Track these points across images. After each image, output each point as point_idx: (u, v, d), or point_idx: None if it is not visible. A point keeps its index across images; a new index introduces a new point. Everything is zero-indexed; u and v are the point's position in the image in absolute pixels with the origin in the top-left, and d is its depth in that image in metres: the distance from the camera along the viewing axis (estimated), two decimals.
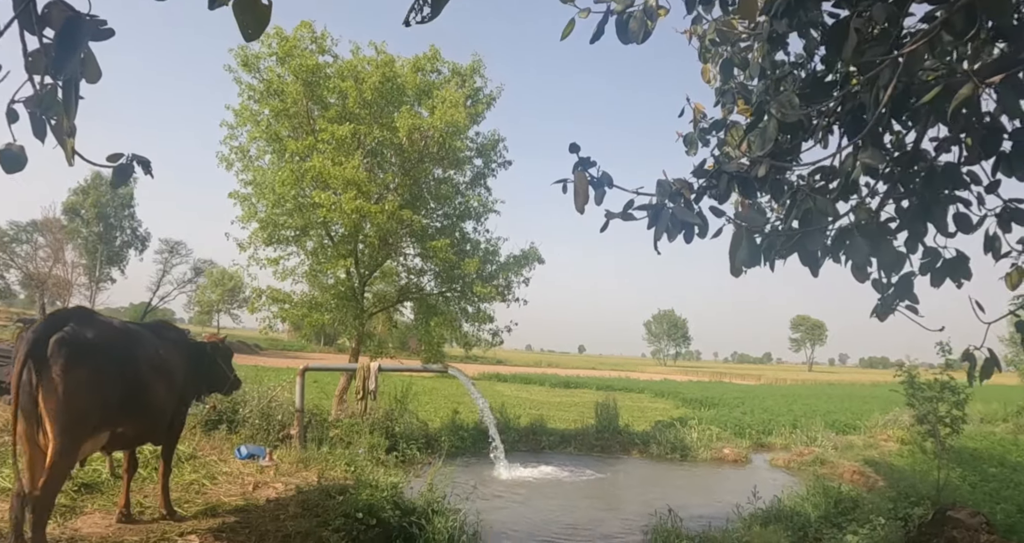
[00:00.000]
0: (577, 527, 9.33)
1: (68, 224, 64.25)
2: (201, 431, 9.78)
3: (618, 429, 16.89)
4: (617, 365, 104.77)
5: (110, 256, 66.74)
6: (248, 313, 13.97)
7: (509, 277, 14.32)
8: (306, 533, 6.07)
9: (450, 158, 13.59)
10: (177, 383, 5.71)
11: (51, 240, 64.08)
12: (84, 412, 4.42)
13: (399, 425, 13.08)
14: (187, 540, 5.63)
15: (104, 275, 66.70)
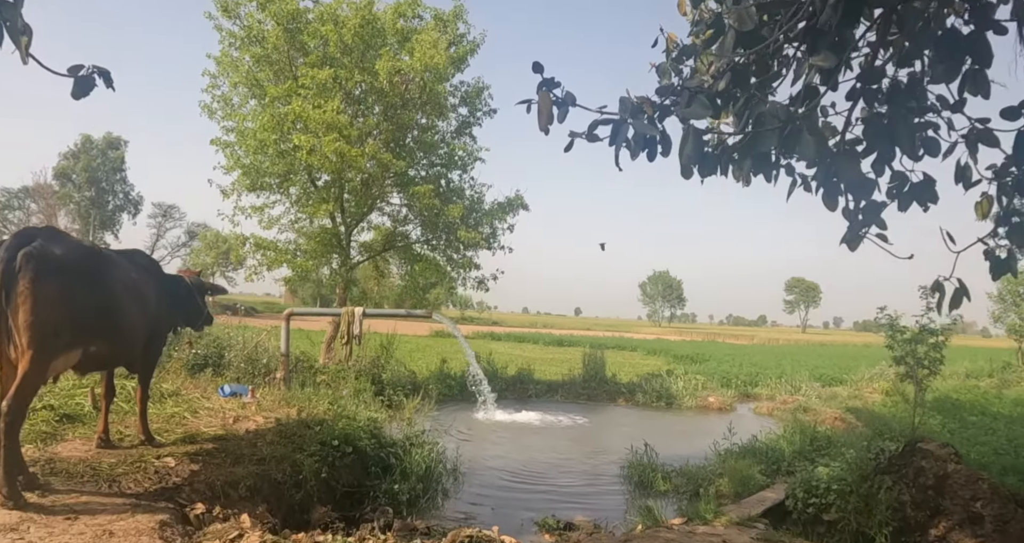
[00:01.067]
0: (557, 464, 9.52)
1: (60, 189, 63.88)
2: (186, 373, 9.89)
3: (605, 379, 17.11)
4: (612, 326, 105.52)
5: (103, 220, 66.45)
6: (233, 261, 14.04)
7: (494, 224, 14.35)
8: (281, 457, 6.20)
9: (433, 104, 13.50)
10: (150, 307, 5.76)
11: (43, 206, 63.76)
12: (53, 325, 4.47)
13: (386, 372, 13.23)
14: (164, 462, 5.75)
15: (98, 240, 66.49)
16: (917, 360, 10.81)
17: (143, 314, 5.59)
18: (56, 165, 62.97)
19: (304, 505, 6.02)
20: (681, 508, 6.91)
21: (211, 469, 5.75)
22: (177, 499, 5.18)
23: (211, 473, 5.67)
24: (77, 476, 5.25)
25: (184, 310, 6.72)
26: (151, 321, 5.84)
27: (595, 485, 8.55)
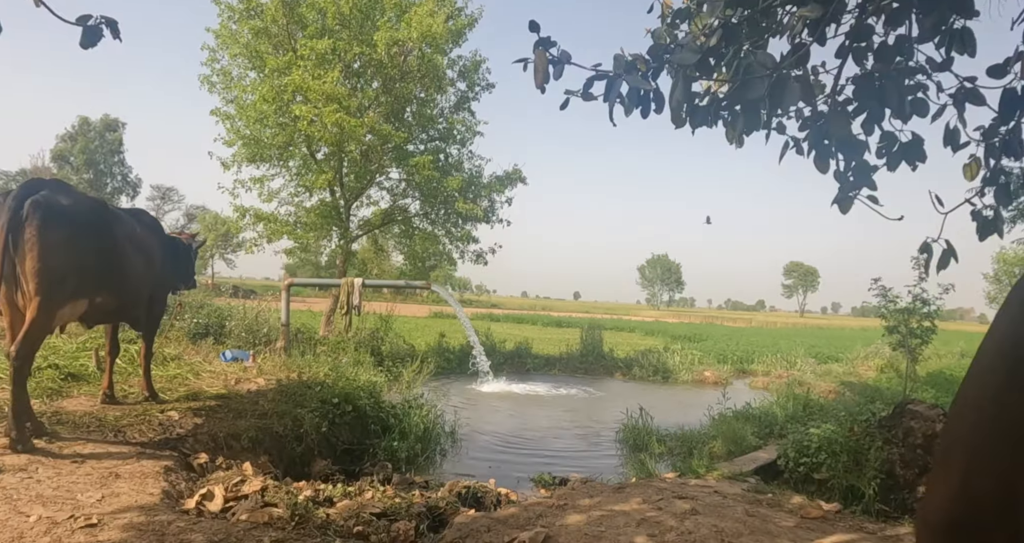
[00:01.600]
0: (554, 430, 9.67)
1: (58, 172, 63.55)
2: (187, 340, 10.01)
3: (602, 354, 17.26)
4: (611, 309, 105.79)
5: None
6: (233, 231, 14.14)
7: (492, 197, 14.42)
8: (283, 413, 6.33)
9: (431, 76, 13.51)
10: (155, 264, 5.86)
11: None
12: (59, 273, 4.56)
13: (385, 345, 13.36)
14: (168, 416, 5.87)
15: None
16: (910, 330, 10.95)
17: (148, 269, 5.69)
18: (54, 147, 62.63)
19: (305, 458, 6.15)
20: (675, 465, 7.05)
21: (214, 422, 5.88)
22: (181, 449, 5.30)
23: (214, 426, 5.80)
24: (83, 426, 5.38)
25: (183, 269, 6.83)
26: (155, 277, 5.94)
27: (591, 448, 8.70)
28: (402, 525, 4.14)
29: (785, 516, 4.91)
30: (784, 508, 5.16)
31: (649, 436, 8.48)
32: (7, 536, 3.39)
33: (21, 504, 3.81)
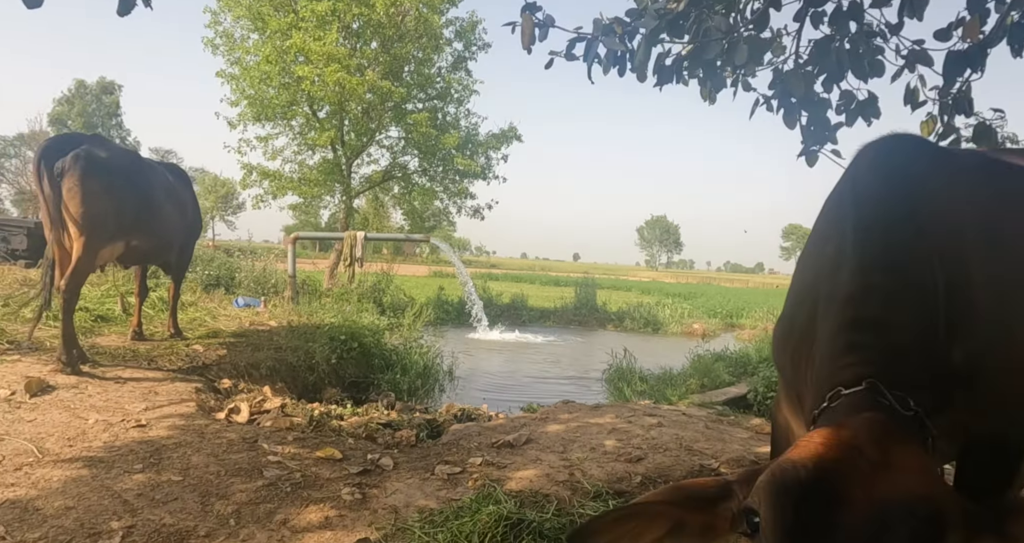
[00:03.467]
0: (545, 373, 10.38)
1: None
2: (201, 289, 10.64)
3: (595, 307, 17.94)
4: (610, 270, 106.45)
5: None
6: (240, 189, 14.67)
7: (489, 154, 14.93)
8: (296, 347, 7.00)
9: (428, 36, 13.90)
10: (186, 213, 6.48)
11: None
12: (100, 217, 5.16)
13: (387, 296, 14.01)
14: (193, 349, 6.53)
15: None
16: None
17: (179, 216, 6.29)
18: (51, 111, 62.29)
19: (317, 386, 6.83)
20: (650, 395, 7.74)
21: (234, 354, 6.54)
22: (207, 376, 5.96)
23: (235, 357, 6.46)
24: (119, 357, 6.04)
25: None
26: (186, 225, 6.55)
27: (579, 388, 9.41)
28: (404, 432, 4.80)
29: (742, 431, 5.57)
30: (742, 426, 5.82)
31: (632, 375, 9.17)
32: (72, 433, 4.05)
33: (79, 411, 4.47)
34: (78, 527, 2.86)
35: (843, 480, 1.00)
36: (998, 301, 1.53)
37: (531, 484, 3.64)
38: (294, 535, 2.93)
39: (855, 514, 0.97)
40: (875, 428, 1.08)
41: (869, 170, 1.69)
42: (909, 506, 0.98)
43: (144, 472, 3.51)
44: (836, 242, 1.59)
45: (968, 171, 1.81)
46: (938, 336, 1.43)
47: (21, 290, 8.71)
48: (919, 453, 1.07)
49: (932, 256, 1.48)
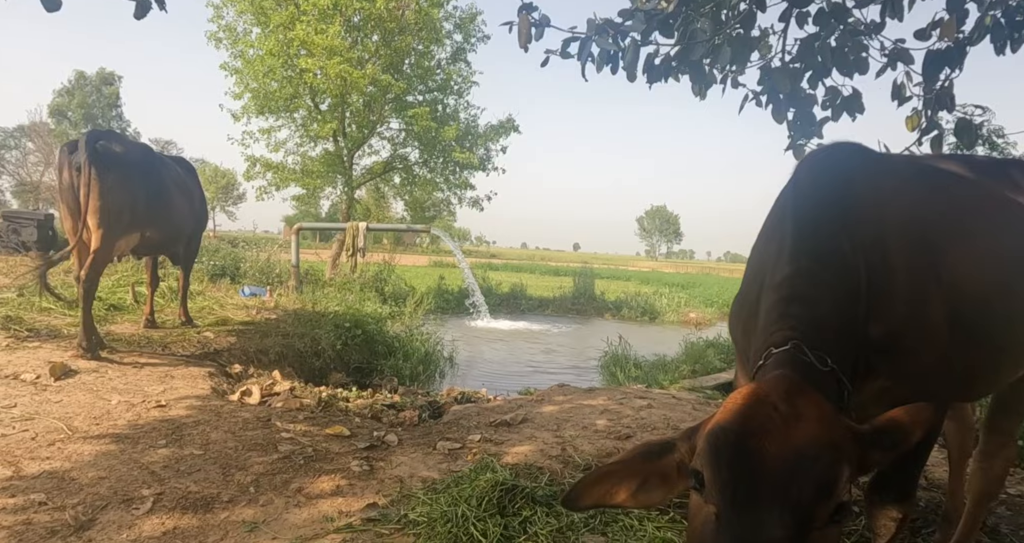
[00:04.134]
0: (544, 360, 10.67)
1: (56, 127, 63.14)
2: (207, 279, 10.92)
3: (593, 296, 18.23)
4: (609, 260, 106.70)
5: None
6: (244, 180, 14.92)
7: (488, 146, 15.18)
8: (302, 333, 7.28)
9: (428, 29, 14.11)
10: (194, 205, 6.75)
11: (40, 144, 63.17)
12: (117, 209, 5.42)
13: (388, 286, 14.28)
14: (204, 336, 6.82)
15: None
16: None
17: (188, 208, 6.56)
18: (51, 103, 62.27)
19: (323, 371, 7.12)
20: (643, 380, 8.03)
21: (244, 341, 6.83)
22: (218, 361, 6.24)
23: (244, 343, 6.75)
24: (134, 343, 6.31)
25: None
26: (194, 216, 6.81)
27: (575, 374, 9.69)
28: (408, 413, 5.09)
29: None
30: None
31: (627, 362, 9.46)
32: (97, 412, 4.33)
33: (102, 393, 4.75)
34: (112, 494, 3.15)
35: (761, 437, 1.27)
36: (912, 285, 1.82)
37: (526, 458, 3.92)
38: (309, 501, 3.21)
39: (774, 465, 1.23)
40: (784, 385, 1.35)
41: (808, 174, 1.99)
42: (812, 452, 1.25)
43: (167, 447, 3.79)
44: (779, 234, 1.88)
45: (895, 174, 2.09)
46: (859, 313, 1.71)
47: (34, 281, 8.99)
48: (820, 403, 1.34)
49: (856, 246, 1.77)
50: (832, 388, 1.54)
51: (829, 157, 2.07)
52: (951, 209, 2.06)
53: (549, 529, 2.83)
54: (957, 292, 1.90)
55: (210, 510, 3.07)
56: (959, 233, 1.99)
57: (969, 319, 1.92)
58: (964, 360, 1.97)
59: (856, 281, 1.73)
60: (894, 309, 1.78)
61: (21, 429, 3.90)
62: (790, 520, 1.19)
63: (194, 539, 2.80)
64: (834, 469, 1.26)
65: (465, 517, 2.80)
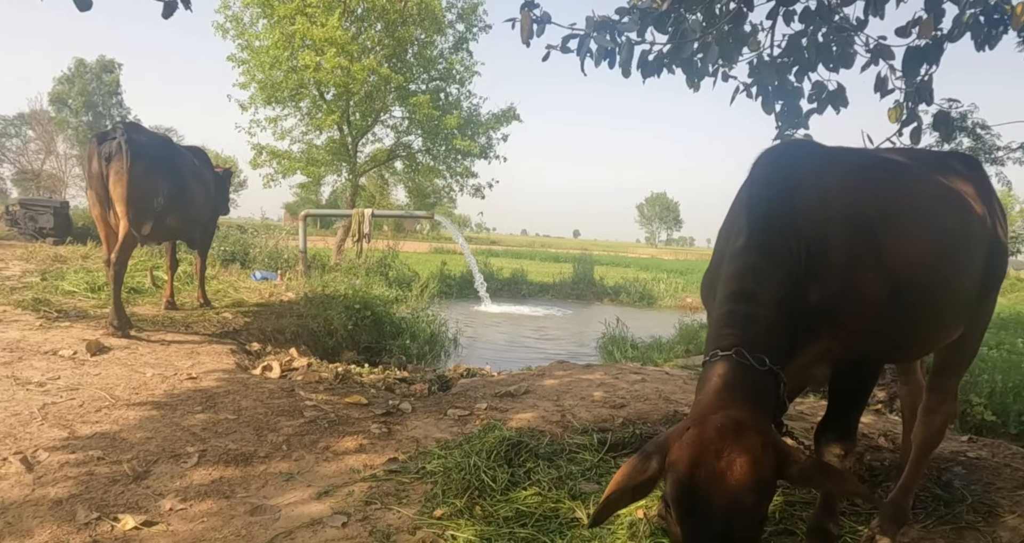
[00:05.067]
0: (544, 341, 11.06)
1: (56, 115, 63.13)
2: (219, 264, 11.29)
3: (592, 281, 18.62)
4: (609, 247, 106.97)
5: None
6: (251, 168, 15.27)
7: (489, 134, 15.51)
8: (315, 314, 7.66)
9: (430, 19, 14.39)
10: (210, 192, 7.11)
11: (40, 132, 63.19)
12: (144, 197, 5.79)
13: (392, 271, 14.67)
14: (223, 316, 7.19)
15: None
16: None
17: (204, 195, 6.92)
18: (51, 91, 62.24)
19: (335, 350, 7.51)
20: (638, 358, 8.42)
21: (261, 321, 7.21)
22: (238, 340, 6.62)
23: (261, 323, 7.13)
24: (158, 324, 6.69)
25: (223, 198, 8.05)
26: (210, 203, 7.17)
27: (574, 355, 10.08)
28: (419, 385, 5.48)
29: None
30: None
31: (624, 343, 9.85)
32: (135, 384, 4.71)
33: (136, 367, 5.13)
34: (160, 451, 3.54)
35: (707, 485, 1.66)
36: (850, 264, 2.19)
37: (528, 423, 4.31)
38: (336, 456, 3.60)
39: (718, 502, 1.64)
40: (727, 430, 1.71)
41: (762, 172, 2.35)
42: (745, 493, 1.64)
43: (204, 413, 4.18)
44: (736, 227, 2.25)
45: (840, 169, 2.45)
46: (799, 294, 2.08)
47: (54, 266, 9.36)
48: (753, 443, 1.69)
49: (801, 237, 2.14)
50: (771, 382, 1.93)
51: (781, 156, 2.42)
52: (889, 198, 2.42)
53: (550, 478, 3.21)
54: (894, 269, 2.28)
55: (249, 464, 3.46)
56: (895, 219, 2.36)
57: (906, 291, 2.30)
58: (902, 326, 2.36)
59: (797, 270, 2.11)
60: (833, 284, 2.15)
61: (68, 398, 4.29)
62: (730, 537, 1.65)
63: (239, 486, 3.19)
64: (761, 500, 1.69)
65: (477, 467, 3.18)
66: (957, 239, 2.52)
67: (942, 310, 2.54)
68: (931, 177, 2.66)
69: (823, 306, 2.14)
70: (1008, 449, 4.44)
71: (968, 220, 2.60)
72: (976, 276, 2.66)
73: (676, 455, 1.74)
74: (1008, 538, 2.95)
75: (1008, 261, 2.99)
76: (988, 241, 2.71)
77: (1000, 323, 16.72)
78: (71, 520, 2.75)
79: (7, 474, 3.13)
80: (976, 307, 2.78)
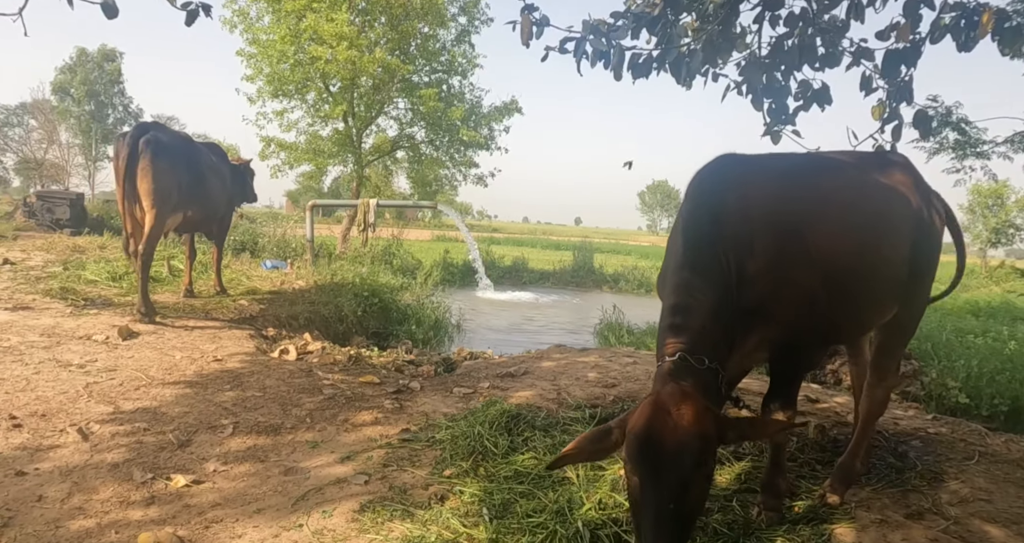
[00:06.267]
0: (544, 327, 11.48)
1: (59, 104, 63.16)
2: (231, 254, 11.70)
3: (592, 269, 19.03)
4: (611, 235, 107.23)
5: (104, 135, 66.14)
6: (260, 159, 15.63)
7: (491, 126, 15.89)
8: (326, 301, 8.08)
9: (433, 13, 14.72)
10: (226, 187, 7.51)
11: (43, 121, 63.27)
12: (167, 191, 6.20)
13: (397, 259, 15.08)
14: (239, 304, 7.61)
15: (101, 154, 66.48)
16: None
17: (221, 190, 7.32)
18: (54, 80, 62.25)
19: (345, 335, 7.94)
20: (632, 344, 8.84)
21: (275, 308, 7.63)
22: (255, 325, 7.04)
23: (276, 310, 7.55)
24: (180, 311, 7.11)
25: (241, 189, 8.45)
26: (226, 197, 7.58)
27: (573, 339, 10.51)
28: (426, 367, 5.91)
29: None
30: None
31: (620, 328, 10.27)
32: (167, 365, 5.14)
33: (165, 350, 5.56)
34: (199, 423, 3.97)
35: (658, 437, 2.06)
36: (772, 262, 2.58)
37: (527, 400, 4.73)
38: (355, 428, 4.03)
39: (666, 456, 2.04)
40: (674, 397, 2.13)
41: (695, 191, 2.73)
42: (689, 445, 2.05)
43: (232, 391, 4.61)
44: (677, 242, 2.64)
45: (762, 179, 2.81)
46: (731, 298, 2.48)
47: (74, 256, 9.78)
48: (696, 407, 2.10)
49: (728, 248, 2.52)
50: (712, 376, 2.35)
51: (710, 174, 2.77)
52: (811, 199, 2.80)
53: (545, 445, 3.64)
54: (821, 262, 2.67)
55: (278, 433, 3.90)
56: (818, 217, 2.74)
57: (834, 281, 2.70)
58: (834, 311, 2.75)
59: (727, 278, 2.49)
60: (762, 283, 2.54)
61: (108, 378, 4.71)
62: (677, 482, 2.04)
63: (271, 452, 3.62)
64: (702, 451, 2.08)
65: (480, 435, 3.61)
66: (879, 231, 2.92)
67: (871, 295, 2.93)
68: (855, 176, 3.05)
69: (754, 306, 2.54)
70: (967, 426, 4.84)
71: (891, 213, 2.99)
72: (903, 262, 3.04)
73: (634, 418, 2.16)
74: (947, 499, 3.35)
75: (939, 247, 3.36)
76: (916, 230, 3.08)
77: (990, 312, 17.16)
78: (129, 479, 3.18)
79: (67, 443, 3.56)
80: (908, 290, 3.17)
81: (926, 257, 3.19)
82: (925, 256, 3.18)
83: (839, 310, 2.77)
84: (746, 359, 2.84)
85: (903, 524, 3.00)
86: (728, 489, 3.26)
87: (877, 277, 2.91)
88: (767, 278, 2.56)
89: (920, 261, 3.13)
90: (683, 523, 2.07)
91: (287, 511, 2.90)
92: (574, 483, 3.14)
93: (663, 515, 2.02)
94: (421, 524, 2.73)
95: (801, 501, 3.21)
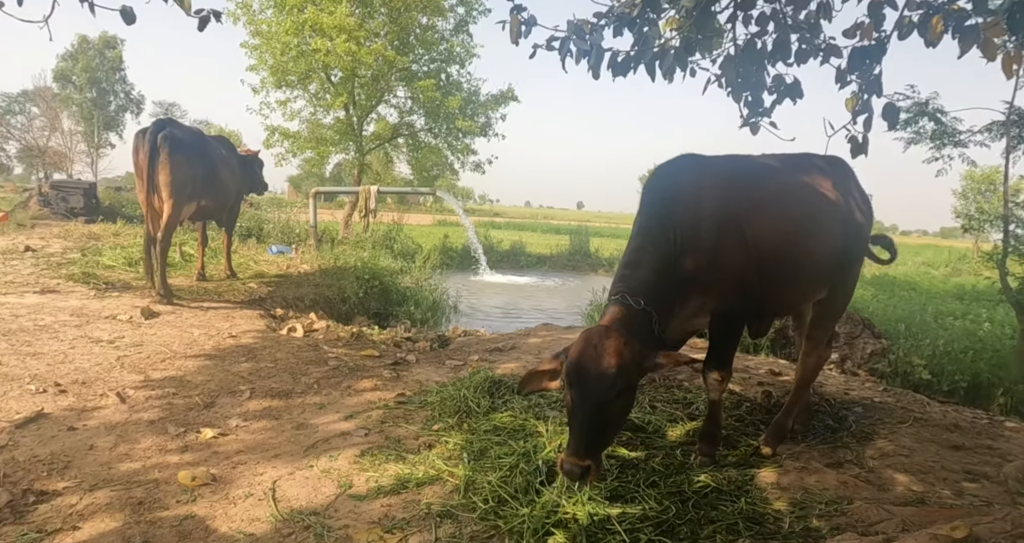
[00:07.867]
0: (537, 308, 12.01)
1: (60, 92, 63.26)
2: (238, 239, 12.24)
3: (588, 253, 19.55)
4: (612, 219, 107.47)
5: (106, 122, 66.23)
6: (264, 147, 16.13)
7: (488, 114, 16.37)
8: (330, 284, 8.63)
9: (432, 5, 15.14)
10: (236, 178, 8.03)
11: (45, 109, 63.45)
12: (183, 183, 6.73)
13: (397, 244, 15.62)
14: (249, 286, 8.16)
15: (103, 141, 66.69)
16: None
17: (231, 180, 7.85)
18: (55, 67, 62.37)
19: (348, 315, 8.49)
20: None
21: (282, 289, 8.18)
22: (264, 306, 7.59)
23: (283, 292, 8.10)
24: (194, 292, 7.66)
25: (250, 179, 8.97)
26: (235, 186, 8.10)
27: (563, 319, 11.05)
28: (422, 343, 6.46)
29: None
30: None
31: None
32: (187, 341, 5.69)
33: (184, 328, 6.11)
34: (220, 388, 4.52)
35: (584, 363, 2.63)
36: (713, 243, 3.12)
37: (512, 371, 5.27)
38: (357, 393, 4.59)
39: (589, 375, 2.61)
40: (601, 332, 2.68)
41: (655, 182, 3.27)
42: (608, 369, 2.60)
43: (247, 362, 5.16)
44: (636, 223, 3.18)
45: (711, 175, 3.36)
46: (671, 266, 3.02)
47: (90, 243, 10.32)
48: (617, 341, 2.65)
49: (677, 228, 3.07)
50: (645, 318, 2.89)
51: (669, 169, 3.36)
52: (752, 192, 3.34)
53: (522, 406, 4.19)
54: (757, 247, 3.20)
55: (289, 397, 4.45)
56: (756, 210, 3.28)
57: (769, 263, 3.23)
58: (767, 289, 3.29)
59: (670, 251, 3.05)
60: (701, 259, 3.09)
61: (136, 352, 5.26)
62: (597, 400, 2.61)
63: (284, 412, 4.18)
64: (620, 375, 2.63)
65: (465, 397, 4.16)
66: (810, 223, 3.45)
67: (798, 279, 3.47)
68: (790, 176, 3.59)
69: (694, 275, 3.08)
70: (912, 396, 5.36)
71: (821, 208, 3.53)
72: (833, 250, 3.58)
73: (572, 349, 2.73)
74: (871, 454, 3.87)
75: (865, 238, 3.90)
76: (844, 223, 3.63)
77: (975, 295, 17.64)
78: (164, 433, 3.73)
79: (108, 405, 4.11)
80: (838, 274, 3.71)
81: (855, 246, 3.74)
82: (854, 245, 3.72)
83: (770, 290, 3.30)
84: (687, 323, 3.37)
85: (821, 470, 3.52)
86: (675, 441, 3.80)
87: (805, 264, 3.44)
88: (707, 256, 3.11)
89: (846, 251, 3.67)
90: (604, 429, 2.66)
91: (299, 456, 3.46)
92: (543, 435, 3.68)
93: (586, 423, 2.60)
94: (411, 465, 3.29)
95: (738, 452, 3.75)
